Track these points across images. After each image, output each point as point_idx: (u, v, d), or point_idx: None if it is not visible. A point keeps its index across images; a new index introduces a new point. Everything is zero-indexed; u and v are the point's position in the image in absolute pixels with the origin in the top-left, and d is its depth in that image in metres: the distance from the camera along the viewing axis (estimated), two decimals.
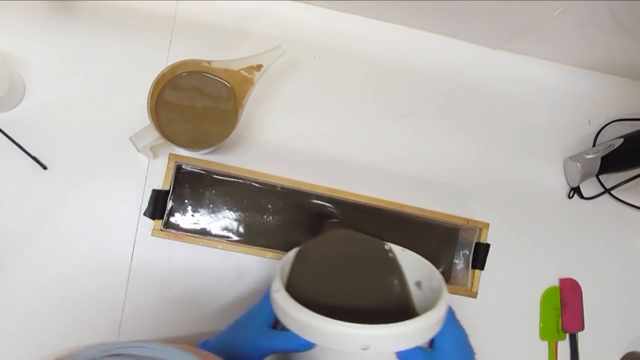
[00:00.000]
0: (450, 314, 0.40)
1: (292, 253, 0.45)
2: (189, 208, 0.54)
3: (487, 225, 0.57)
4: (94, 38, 0.55)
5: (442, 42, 0.63)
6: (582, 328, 0.60)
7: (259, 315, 0.41)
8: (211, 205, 0.54)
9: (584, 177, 0.60)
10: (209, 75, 0.49)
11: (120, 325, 0.52)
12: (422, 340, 0.36)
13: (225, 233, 0.54)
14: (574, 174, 0.60)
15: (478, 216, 0.58)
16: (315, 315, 0.34)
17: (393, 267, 0.45)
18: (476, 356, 0.41)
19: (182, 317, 0.53)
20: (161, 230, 0.52)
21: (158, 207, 0.52)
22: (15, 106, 0.53)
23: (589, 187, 0.63)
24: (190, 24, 0.57)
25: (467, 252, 0.58)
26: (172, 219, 0.53)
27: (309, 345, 0.36)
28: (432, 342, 0.38)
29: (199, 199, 0.54)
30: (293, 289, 0.39)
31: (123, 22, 0.56)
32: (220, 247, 0.52)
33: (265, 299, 0.41)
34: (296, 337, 0.36)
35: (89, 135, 0.54)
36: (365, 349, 0.33)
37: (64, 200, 0.53)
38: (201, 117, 0.49)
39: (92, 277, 0.52)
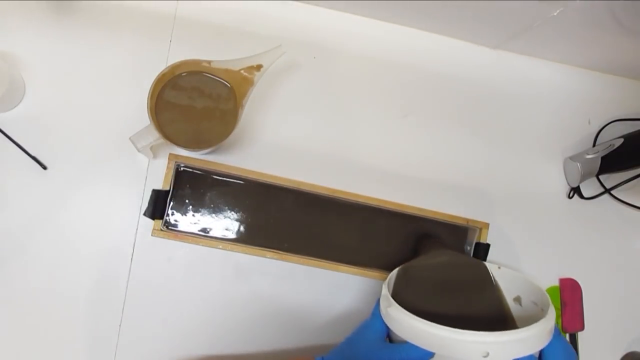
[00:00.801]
0: (556, 328, 0.41)
1: (396, 272, 0.47)
2: (189, 208, 0.54)
3: (487, 225, 0.57)
4: (94, 38, 0.55)
5: (442, 42, 0.63)
6: (582, 328, 0.60)
7: (372, 331, 0.42)
8: (211, 205, 0.54)
9: (584, 177, 0.60)
10: (209, 75, 0.49)
11: (120, 326, 0.52)
12: (538, 347, 0.37)
13: (225, 233, 0.54)
14: (574, 174, 0.60)
15: (478, 216, 0.58)
16: (437, 325, 0.36)
17: (492, 286, 0.46)
18: None
19: (182, 317, 0.53)
20: (161, 230, 0.52)
21: (158, 207, 0.52)
22: (15, 106, 0.53)
23: (589, 187, 0.63)
24: (190, 24, 0.57)
25: (467, 252, 0.58)
26: (172, 219, 0.53)
27: (428, 355, 0.37)
28: (540, 356, 0.39)
29: (199, 199, 0.54)
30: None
31: (123, 22, 0.56)
32: (220, 247, 0.52)
33: (374, 315, 0.43)
34: (415, 348, 0.37)
35: (89, 135, 0.54)
36: (485, 357, 0.34)
37: (64, 200, 0.53)
38: (201, 117, 0.49)
39: (92, 277, 0.52)
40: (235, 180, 0.55)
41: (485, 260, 0.56)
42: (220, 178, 0.54)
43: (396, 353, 0.39)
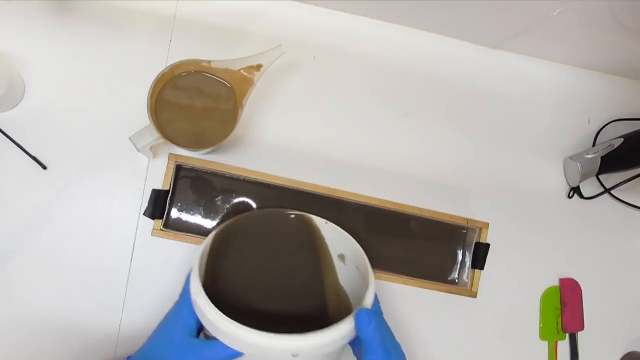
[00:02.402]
0: (375, 304, 0.40)
1: (208, 242, 0.44)
2: (190, 208, 0.54)
3: (487, 225, 0.57)
4: (94, 38, 0.55)
5: (442, 42, 0.63)
6: (582, 328, 0.60)
7: (180, 323, 0.39)
8: (212, 205, 0.54)
9: (584, 177, 0.60)
10: (209, 75, 0.49)
11: (120, 326, 0.52)
12: (348, 340, 0.37)
13: None
14: (574, 174, 0.60)
15: (478, 216, 0.58)
16: (243, 327, 0.34)
17: (310, 239, 0.47)
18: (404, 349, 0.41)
19: None
20: (161, 230, 0.52)
21: (158, 207, 0.52)
22: (15, 106, 0.53)
23: (589, 187, 0.63)
24: (190, 24, 0.57)
25: (467, 252, 0.58)
26: (172, 219, 0.53)
27: (237, 355, 0.35)
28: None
29: (199, 199, 0.54)
30: (216, 280, 0.39)
31: (123, 22, 0.56)
32: None
33: (184, 302, 0.39)
34: (223, 346, 0.35)
35: (89, 135, 0.54)
36: (295, 356, 0.34)
37: (64, 200, 0.53)
38: (201, 117, 0.49)
39: (92, 277, 0.52)
40: (235, 180, 0.55)
41: (485, 261, 0.56)
42: (220, 178, 0.54)
43: (204, 353, 0.36)
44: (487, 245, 0.56)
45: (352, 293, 0.46)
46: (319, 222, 0.47)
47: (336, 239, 0.46)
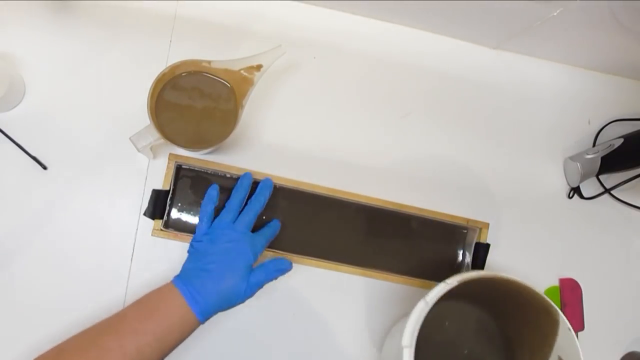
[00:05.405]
0: None
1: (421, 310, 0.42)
2: (190, 208, 0.54)
3: (487, 225, 0.57)
4: (94, 38, 0.55)
5: (442, 42, 0.63)
6: (582, 328, 0.60)
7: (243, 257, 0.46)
8: None
9: (584, 177, 0.60)
10: (209, 75, 0.49)
11: None
12: None
13: None
14: (574, 174, 0.60)
15: (478, 216, 0.58)
16: None
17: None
18: None
19: None
20: (161, 230, 0.52)
21: (158, 207, 0.52)
22: (15, 106, 0.53)
23: (589, 187, 0.63)
24: (190, 24, 0.57)
25: (467, 252, 0.58)
26: (172, 219, 0.53)
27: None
28: None
29: (199, 199, 0.54)
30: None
31: (123, 22, 0.56)
32: None
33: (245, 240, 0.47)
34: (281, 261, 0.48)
35: (89, 135, 0.54)
36: None
37: (64, 200, 0.53)
38: (201, 117, 0.49)
39: (92, 277, 0.52)
40: (235, 180, 0.55)
41: (485, 260, 0.56)
42: (221, 178, 0.54)
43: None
44: (487, 245, 0.57)
45: None
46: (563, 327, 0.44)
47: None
